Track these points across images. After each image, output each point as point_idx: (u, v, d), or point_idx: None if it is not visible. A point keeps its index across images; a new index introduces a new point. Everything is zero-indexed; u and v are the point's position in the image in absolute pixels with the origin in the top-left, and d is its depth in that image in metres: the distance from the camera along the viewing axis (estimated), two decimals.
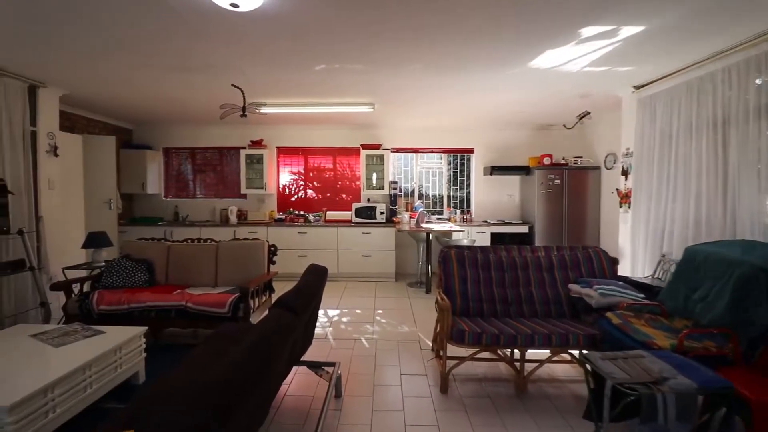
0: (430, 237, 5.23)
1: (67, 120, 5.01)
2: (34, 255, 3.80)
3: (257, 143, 6.11)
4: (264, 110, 4.80)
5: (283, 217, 6.13)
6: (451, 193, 6.56)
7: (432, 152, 6.44)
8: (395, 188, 6.12)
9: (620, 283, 2.98)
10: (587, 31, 2.70)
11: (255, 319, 3.50)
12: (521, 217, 6.32)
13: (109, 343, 2.47)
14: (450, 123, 6.02)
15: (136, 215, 6.32)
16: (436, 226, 5.32)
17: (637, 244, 4.04)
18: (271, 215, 6.21)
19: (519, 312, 3.08)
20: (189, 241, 4.08)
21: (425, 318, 4.13)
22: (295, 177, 6.44)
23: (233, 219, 6.01)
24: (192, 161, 6.45)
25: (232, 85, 3.52)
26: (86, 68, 3.48)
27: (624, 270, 4.06)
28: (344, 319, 4.10)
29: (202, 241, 4.09)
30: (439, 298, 2.92)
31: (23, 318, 3.62)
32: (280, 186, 6.43)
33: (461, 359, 2.72)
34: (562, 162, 5.91)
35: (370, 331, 3.76)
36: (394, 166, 6.45)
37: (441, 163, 6.55)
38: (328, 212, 6.19)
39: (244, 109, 3.64)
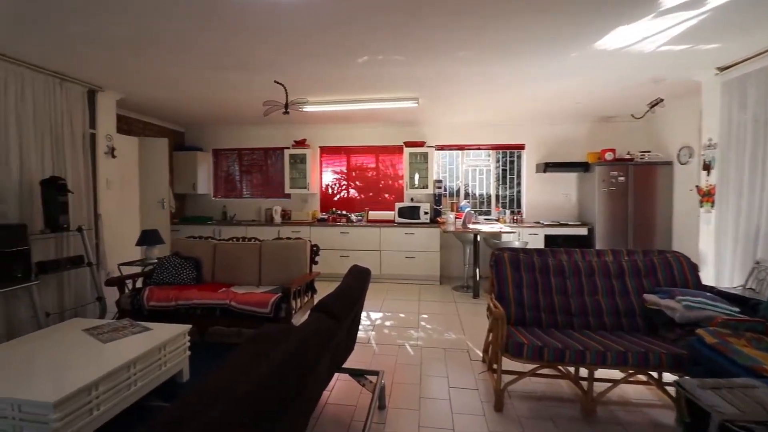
0: (478, 238, 4.93)
1: (125, 124, 5.28)
2: (93, 251, 3.99)
3: (300, 143, 6.12)
4: (306, 108, 4.76)
5: (326, 216, 6.08)
6: (500, 192, 6.19)
7: (479, 149, 6.11)
8: (440, 187, 5.86)
9: (708, 294, 2.55)
10: None
11: (297, 320, 3.42)
12: (579, 217, 5.82)
13: (154, 341, 2.46)
14: (498, 117, 5.67)
15: (188, 214, 6.56)
16: (485, 227, 5.01)
17: (723, 249, 3.51)
18: (314, 215, 6.19)
19: (584, 324, 2.74)
20: (234, 240, 4.10)
21: (474, 325, 3.85)
22: (338, 176, 6.37)
23: (277, 218, 6.05)
24: (239, 162, 6.59)
25: (275, 81, 3.47)
26: (137, 72, 3.59)
27: (706, 279, 3.54)
28: (387, 323, 3.92)
29: (246, 240, 4.09)
30: (491, 304, 2.66)
31: (82, 311, 3.80)
32: (323, 185, 6.40)
33: (519, 374, 2.44)
34: (627, 157, 5.36)
35: (415, 337, 3.55)
36: (439, 165, 6.19)
37: (488, 160, 6.20)
38: (370, 212, 6.06)
39: (286, 105, 3.59)
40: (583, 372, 2.50)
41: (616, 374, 2.35)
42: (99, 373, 2.03)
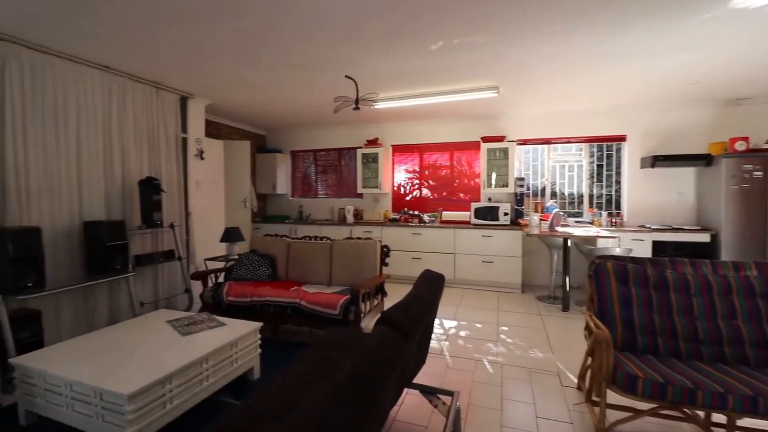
0: (568, 243, 4.34)
1: (215, 128, 5.67)
2: (183, 247, 4.29)
3: (372, 142, 6.03)
4: (378, 106, 4.63)
5: (398, 217, 5.91)
6: (594, 191, 5.44)
7: (568, 142, 5.44)
8: (522, 186, 5.33)
9: None
10: None
11: (366, 323, 3.28)
12: (698, 221, 4.86)
13: (226, 337, 2.48)
14: (593, 105, 4.97)
15: (269, 213, 6.88)
16: (577, 231, 4.39)
17: None
18: (386, 215, 6.06)
19: (717, 355, 2.16)
20: (307, 238, 4.11)
21: (564, 343, 3.35)
22: (410, 175, 6.17)
23: (350, 218, 6.04)
24: (314, 162, 6.74)
25: (346, 76, 3.37)
26: (219, 77, 3.75)
27: None
28: (462, 333, 3.60)
29: (318, 239, 4.07)
30: (591, 323, 2.21)
31: (173, 302, 4.10)
32: (395, 185, 6.24)
33: (631, 412, 1.98)
34: (765, 147, 4.32)
35: (494, 351, 3.18)
36: (521, 161, 5.65)
37: (580, 154, 5.49)
38: (444, 212, 5.74)
39: (357, 101, 3.47)
40: (717, 417, 1.95)
41: (764, 425, 1.78)
42: (173, 367, 2.06)
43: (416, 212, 5.87)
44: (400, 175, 6.22)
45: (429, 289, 1.92)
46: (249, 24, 2.64)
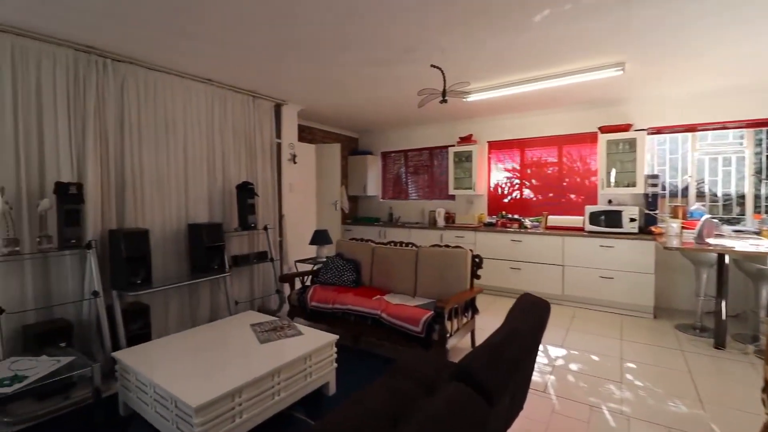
0: (725, 260, 3.31)
1: (309, 133, 5.84)
2: (276, 248, 4.43)
3: (466, 139, 5.55)
4: (471, 98, 4.18)
5: (494, 221, 5.33)
6: (763, 191, 4.13)
7: (724, 128, 4.23)
8: (655, 185, 4.31)
9: None
10: None
11: (453, 344, 2.89)
12: None
13: (301, 349, 2.35)
14: (759, 79, 3.75)
15: (360, 215, 6.90)
16: (738, 244, 3.33)
17: None
18: (480, 219, 5.53)
19: None
20: (392, 244, 3.87)
21: (720, 394, 2.49)
22: (509, 175, 5.52)
23: (440, 221, 5.66)
24: (405, 163, 6.52)
25: (432, 65, 3.02)
26: (307, 81, 3.74)
27: None
28: (573, 367, 2.95)
29: (403, 245, 3.81)
30: None
31: (267, 301, 4.25)
32: (491, 185, 5.66)
33: None
34: None
35: (617, 397, 2.50)
36: (653, 154, 4.59)
37: (741, 143, 4.23)
38: (549, 217, 4.99)
39: (444, 93, 3.10)
40: None
41: None
42: (244, 379, 1.98)
43: (516, 216, 5.22)
44: (497, 174, 5.62)
45: (528, 323, 1.48)
46: (329, 17, 2.48)
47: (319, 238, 4.40)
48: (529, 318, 1.55)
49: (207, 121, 3.72)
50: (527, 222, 5.04)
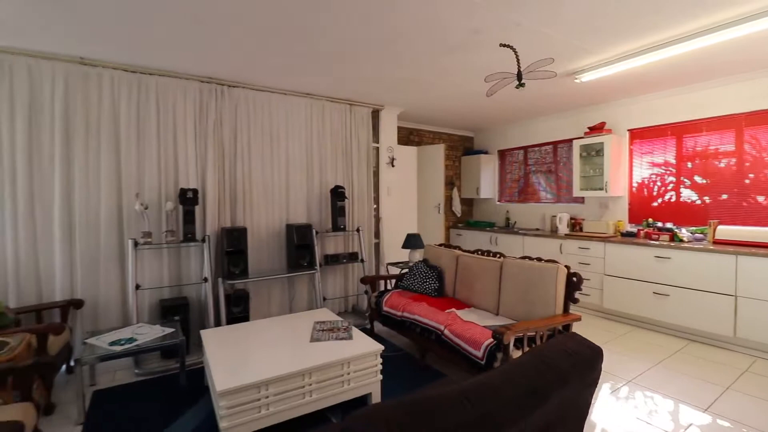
0: None
1: (416, 135, 5.80)
2: (371, 250, 4.55)
3: (596, 128, 4.54)
4: (590, 76, 3.40)
5: (636, 230, 4.22)
6: None
7: None
8: None
9: None
10: None
11: None
12: None
13: (338, 354, 2.34)
14: None
15: (475, 219, 6.47)
16: None
17: None
18: (618, 227, 4.45)
19: None
20: (479, 252, 3.49)
21: None
22: (660, 170, 4.26)
23: (562, 229, 4.81)
24: (524, 161, 5.79)
25: (501, 44, 2.55)
26: (395, 82, 3.69)
27: None
28: None
29: (489, 254, 3.38)
30: None
31: (353, 299, 4.41)
32: (634, 185, 4.48)
33: None
34: None
35: None
36: None
37: None
38: (719, 227, 3.64)
39: (519, 75, 2.57)
40: None
41: None
42: (271, 373, 2.09)
43: (668, 225, 4.01)
44: (642, 170, 4.42)
45: (522, 385, 1.09)
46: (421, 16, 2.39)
47: (411, 241, 4.31)
48: (539, 377, 1.13)
49: (306, 131, 4.10)
50: (683, 233, 3.80)
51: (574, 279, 2.72)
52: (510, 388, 1.04)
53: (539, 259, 2.97)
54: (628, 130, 4.46)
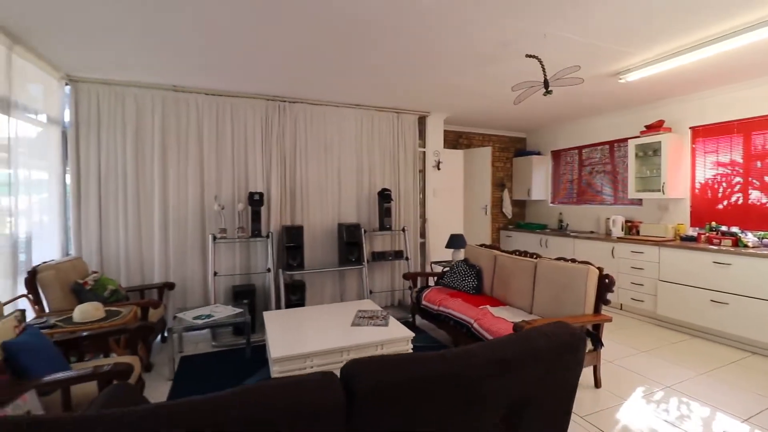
0: None
1: (466, 138, 5.94)
2: (416, 249, 4.82)
3: (653, 127, 4.33)
4: (635, 76, 3.34)
5: (696, 234, 3.98)
6: None
7: None
8: None
9: None
10: None
11: None
12: None
13: (373, 337, 2.66)
14: None
15: (528, 221, 6.41)
16: None
17: None
18: (678, 230, 4.22)
19: None
20: (516, 253, 3.60)
21: None
22: (726, 170, 3.97)
23: (616, 232, 4.65)
24: (579, 162, 5.64)
25: (527, 55, 2.66)
26: (450, 92, 3.96)
27: None
28: None
29: (526, 255, 3.48)
30: None
31: (399, 294, 4.71)
32: (696, 186, 4.21)
33: None
34: None
35: None
36: None
37: None
38: None
39: (546, 83, 2.66)
40: None
41: None
42: (316, 348, 2.48)
43: (732, 228, 3.74)
44: (705, 170, 4.14)
45: (486, 354, 1.31)
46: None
47: (454, 241, 4.50)
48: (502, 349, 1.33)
49: (356, 138, 4.50)
50: (749, 237, 3.53)
51: (606, 281, 2.75)
52: (484, 355, 1.28)
53: (573, 261, 3.03)
54: (690, 128, 4.20)
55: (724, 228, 3.82)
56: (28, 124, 2.99)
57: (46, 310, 2.78)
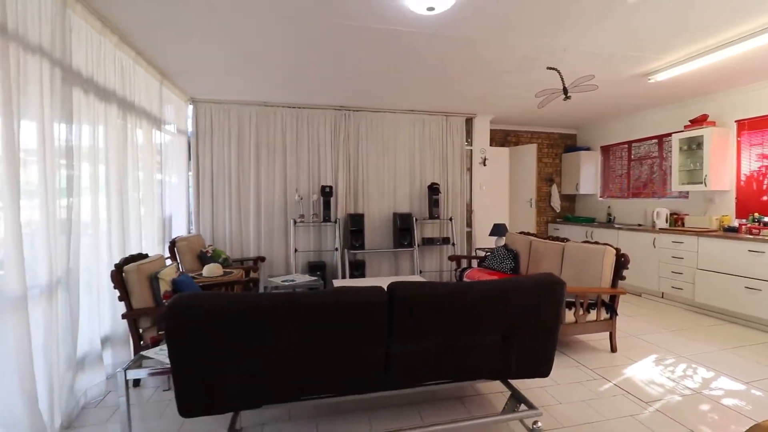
0: None
1: (514, 136, 6.34)
2: (462, 236, 5.40)
3: (697, 121, 4.44)
4: (664, 75, 3.62)
5: (738, 225, 4.08)
6: None
7: None
8: None
9: None
10: None
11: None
12: None
13: None
14: None
15: (577, 215, 6.62)
16: None
17: None
18: (723, 222, 4.31)
19: None
20: (550, 238, 4.05)
21: None
22: None
23: (659, 223, 4.82)
24: (628, 156, 5.77)
25: (548, 68, 3.12)
26: (492, 97, 4.49)
27: None
28: (728, 402, 2.40)
29: (558, 240, 3.93)
30: None
31: (447, 275, 5.32)
32: (742, 179, 4.26)
33: None
34: None
35: None
36: None
37: None
38: None
39: (565, 90, 3.10)
40: None
41: None
42: None
43: None
44: (751, 163, 4.19)
45: (487, 286, 1.94)
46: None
47: (497, 230, 5.01)
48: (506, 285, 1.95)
49: (410, 139, 5.20)
50: None
51: (622, 259, 3.15)
52: (483, 286, 1.91)
53: (596, 243, 3.44)
54: (736, 121, 4.28)
55: (766, 219, 3.90)
56: (167, 135, 4.13)
57: (181, 269, 3.87)
